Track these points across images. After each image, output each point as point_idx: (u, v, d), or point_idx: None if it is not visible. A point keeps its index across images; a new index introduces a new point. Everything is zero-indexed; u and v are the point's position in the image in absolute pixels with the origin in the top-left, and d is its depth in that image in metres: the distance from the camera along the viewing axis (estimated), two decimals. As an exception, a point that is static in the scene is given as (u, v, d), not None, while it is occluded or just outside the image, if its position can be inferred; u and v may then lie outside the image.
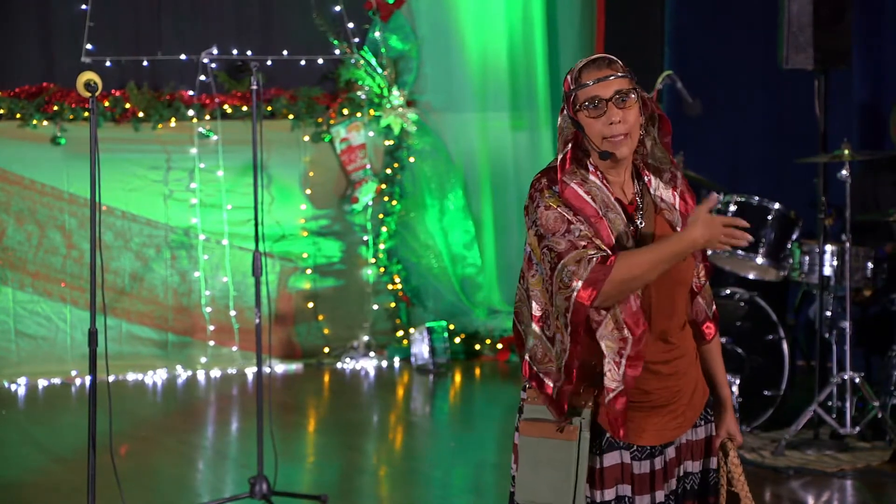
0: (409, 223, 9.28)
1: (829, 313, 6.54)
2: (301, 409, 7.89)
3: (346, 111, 9.06)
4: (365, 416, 7.86)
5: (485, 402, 8.32)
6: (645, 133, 3.09)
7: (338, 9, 9.05)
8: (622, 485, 3.06)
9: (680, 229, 3.06)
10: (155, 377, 8.50)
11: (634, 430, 3.05)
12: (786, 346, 6.56)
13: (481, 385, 8.63)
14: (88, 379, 4.31)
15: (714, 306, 3.27)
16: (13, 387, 8.21)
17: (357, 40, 9.10)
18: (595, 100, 3.00)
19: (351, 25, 9.05)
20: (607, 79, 3.00)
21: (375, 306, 9.18)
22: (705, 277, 3.23)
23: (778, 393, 6.52)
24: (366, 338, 9.05)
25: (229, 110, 8.76)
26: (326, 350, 8.96)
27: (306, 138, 9.02)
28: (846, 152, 6.30)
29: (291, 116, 8.96)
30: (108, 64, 8.64)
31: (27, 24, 8.67)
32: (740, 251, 6.61)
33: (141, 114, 8.65)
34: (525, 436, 3.09)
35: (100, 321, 4.32)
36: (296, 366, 8.83)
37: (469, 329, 9.10)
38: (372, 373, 8.77)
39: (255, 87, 5.45)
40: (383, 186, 9.16)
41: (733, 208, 6.62)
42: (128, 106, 8.63)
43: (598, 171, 3.06)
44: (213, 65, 8.77)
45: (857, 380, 6.27)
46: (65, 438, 7.01)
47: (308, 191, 9.02)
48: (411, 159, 9.25)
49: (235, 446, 7.01)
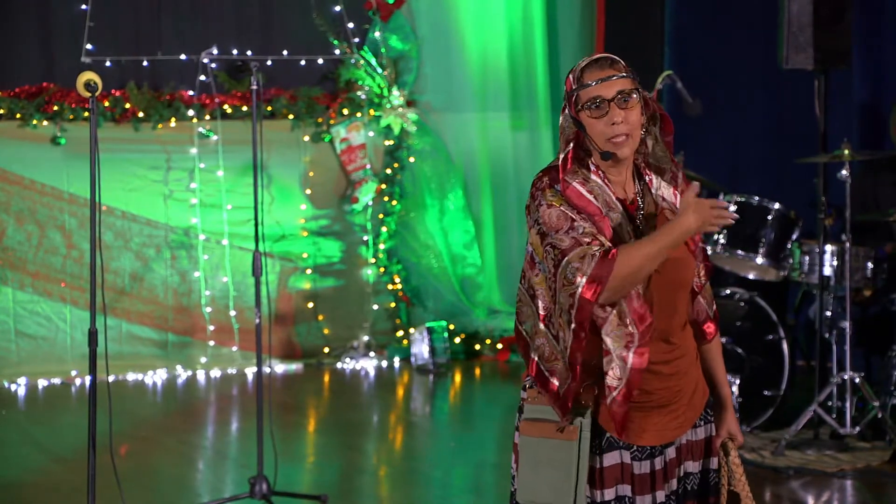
0: (409, 223, 9.27)
1: (829, 313, 6.54)
2: (301, 409, 7.88)
3: (346, 111, 9.05)
4: (365, 416, 7.85)
5: (485, 402, 8.31)
6: (646, 132, 3.09)
7: (338, 9, 9.05)
8: (622, 485, 3.06)
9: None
10: (155, 377, 8.49)
11: (635, 431, 3.05)
12: (786, 346, 6.56)
13: (481, 385, 8.63)
14: (88, 379, 4.31)
15: (714, 306, 3.27)
16: (13, 387, 8.21)
17: (357, 40, 9.10)
18: (597, 100, 3.00)
19: (351, 25, 9.05)
20: (610, 79, 3.00)
21: (375, 306, 9.17)
22: (706, 277, 3.23)
23: (778, 393, 6.52)
24: (366, 338, 9.04)
25: (229, 110, 8.76)
26: (326, 350, 8.96)
27: (306, 138, 9.02)
28: (846, 152, 6.29)
29: (291, 116, 8.96)
30: (108, 64, 8.63)
31: (27, 24, 8.66)
32: (740, 251, 6.62)
33: (141, 114, 8.65)
34: (525, 436, 3.09)
35: (100, 321, 4.32)
36: (296, 366, 8.83)
37: (469, 329, 9.10)
38: (372, 373, 8.77)
39: (255, 87, 5.45)
40: (383, 186, 9.16)
41: (733, 208, 6.62)
42: (128, 106, 8.62)
43: (600, 171, 3.05)
44: (213, 65, 8.77)
45: (857, 380, 6.27)
46: (65, 438, 7.01)
47: (308, 191, 9.02)
48: (411, 159, 9.25)
49: (235, 446, 7.00)
